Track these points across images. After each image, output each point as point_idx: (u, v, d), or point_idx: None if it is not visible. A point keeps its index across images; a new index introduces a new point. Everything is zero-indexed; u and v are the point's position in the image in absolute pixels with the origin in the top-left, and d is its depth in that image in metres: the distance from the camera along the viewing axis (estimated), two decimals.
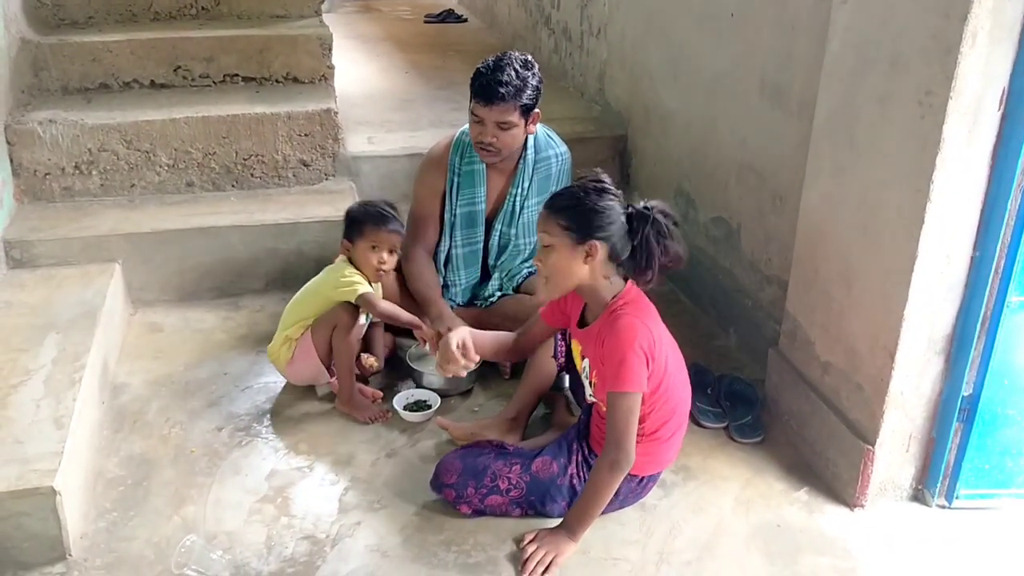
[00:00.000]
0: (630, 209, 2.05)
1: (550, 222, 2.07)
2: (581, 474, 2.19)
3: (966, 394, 2.14)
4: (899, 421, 2.19)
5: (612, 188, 2.08)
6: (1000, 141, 1.92)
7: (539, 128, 2.84)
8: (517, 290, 2.96)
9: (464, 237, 2.89)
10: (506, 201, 2.86)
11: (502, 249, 2.92)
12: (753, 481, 2.37)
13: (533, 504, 2.19)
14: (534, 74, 2.66)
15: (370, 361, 2.71)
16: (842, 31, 2.19)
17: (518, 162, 2.82)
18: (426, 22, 6.91)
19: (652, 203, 2.07)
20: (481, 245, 2.92)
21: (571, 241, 2.04)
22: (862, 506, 2.26)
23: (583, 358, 2.22)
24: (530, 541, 2.10)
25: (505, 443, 2.31)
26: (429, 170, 2.88)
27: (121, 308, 3.03)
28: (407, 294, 2.85)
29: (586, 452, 2.22)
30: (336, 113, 3.54)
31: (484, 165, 2.79)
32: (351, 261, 2.65)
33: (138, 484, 2.31)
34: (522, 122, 2.68)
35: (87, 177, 3.34)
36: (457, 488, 2.19)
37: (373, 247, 2.60)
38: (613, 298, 2.10)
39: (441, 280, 2.91)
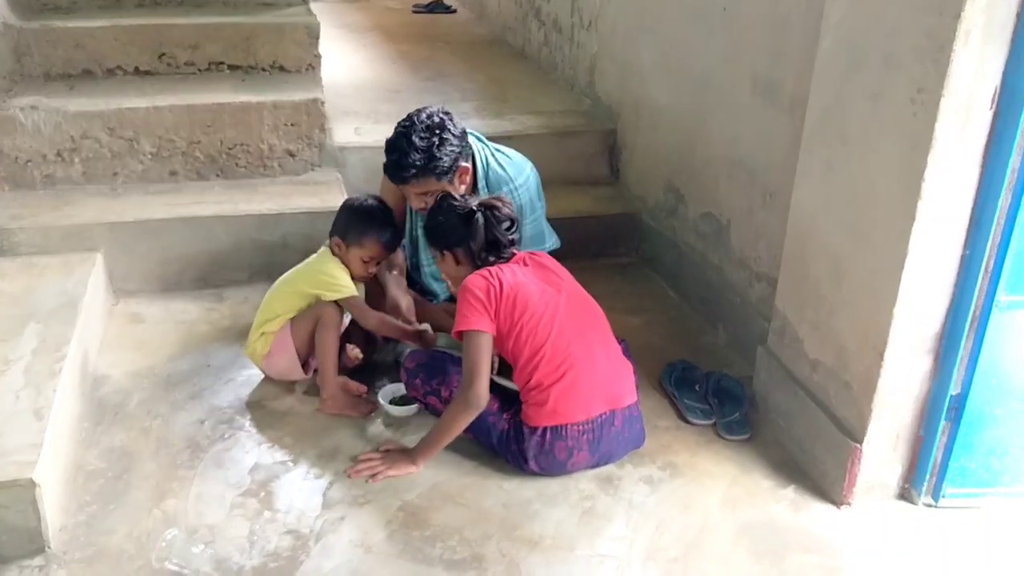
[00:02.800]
0: (467, 208, 2.34)
1: (425, 236, 2.51)
2: (511, 427, 2.31)
3: (954, 393, 2.14)
4: (887, 419, 2.18)
5: (451, 199, 2.38)
6: (991, 140, 1.92)
7: (492, 160, 2.72)
8: None
9: (430, 258, 2.82)
10: None
11: None
12: (740, 479, 2.36)
13: (478, 432, 2.36)
14: (444, 137, 2.51)
15: (355, 352, 2.68)
16: (835, 28, 2.18)
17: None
18: (414, 12, 6.85)
19: (476, 203, 2.35)
20: None
21: (438, 254, 2.41)
22: (849, 504, 2.26)
23: None
24: (376, 450, 2.38)
25: None
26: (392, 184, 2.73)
27: (103, 298, 2.99)
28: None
29: (519, 419, 2.30)
30: (323, 103, 3.51)
31: None
32: (337, 256, 2.61)
33: (119, 477, 2.28)
34: (444, 183, 2.54)
35: (69, 165, 3.29)
36: (410, 375, 2.48)
37: (369, 258, 2.59)
38: None
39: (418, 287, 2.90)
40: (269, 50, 3.74)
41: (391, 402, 2.57)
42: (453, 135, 2.55)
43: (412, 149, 2.49)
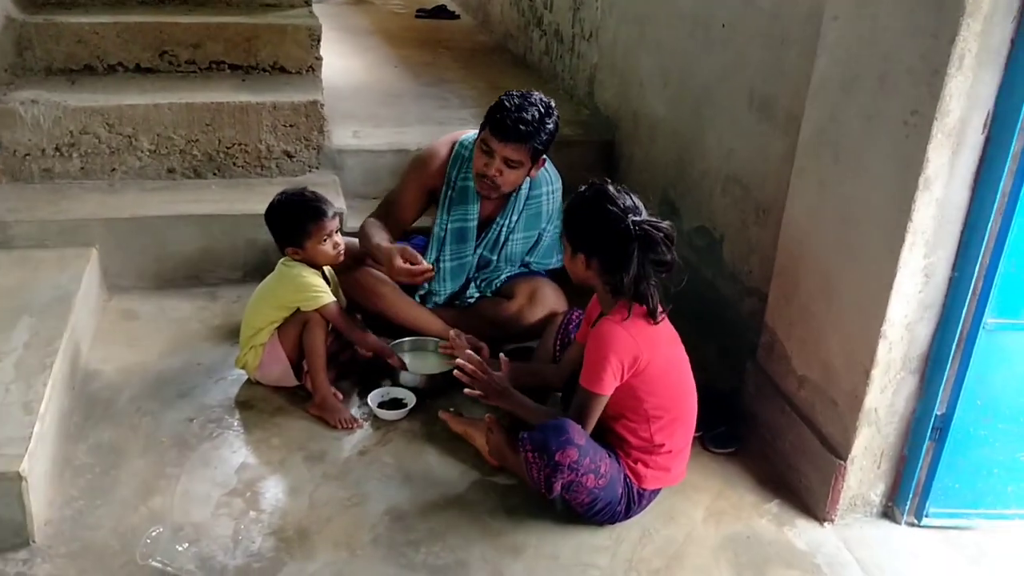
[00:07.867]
0: (624, 225, 2.05)
1: (563, 225, 2.23)
2: (625, 490, 2.18)
3: (939, 413, 2.16)
4: (871, 437, 2.20)
5: (610, 203, 2.08)
6: (983, 164, 1.93)
7: None
8: (496, 293, 2.96)
9: (453, 252, 2.88)
10: (491, 228, 2.87)
11: (482, 267, 2.93)
12: (725, 492, 2.37)
13: (605, 499, 2.15)
14: (553, 121, 2.65)
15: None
16: (831, 47, 2.20)
17: (510, 193, 2.81)
18: (418, 17, 6.88)
19: (641, 220, 2.07)
20: (469, 261, 2.91)
21: (570, 248, 2.19)
22: (832, 521, 2.27)
23: None
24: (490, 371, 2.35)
25: None
26: (427, 172, 2.85)
27: (96, 294, 2.99)
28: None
29: (628, 480, 2.19)
30: (322, 105, 3.52)
31: None
32: (302, 259, 2.61)
33: (106, 473, 2.28)
34: (529, 163, 2.67)
35: (67, 160, 3.30)
36: (581, 452, 2.07)
37: (326, 237, 2.57)
38: (612, 311, 2.15)
39: (424, 288, 2.89)
40: (270, 51, 3.75)
41: (380, 405, 2.58)
42: (557, 125, 2.67)
43: (536, 112, 2.59)
